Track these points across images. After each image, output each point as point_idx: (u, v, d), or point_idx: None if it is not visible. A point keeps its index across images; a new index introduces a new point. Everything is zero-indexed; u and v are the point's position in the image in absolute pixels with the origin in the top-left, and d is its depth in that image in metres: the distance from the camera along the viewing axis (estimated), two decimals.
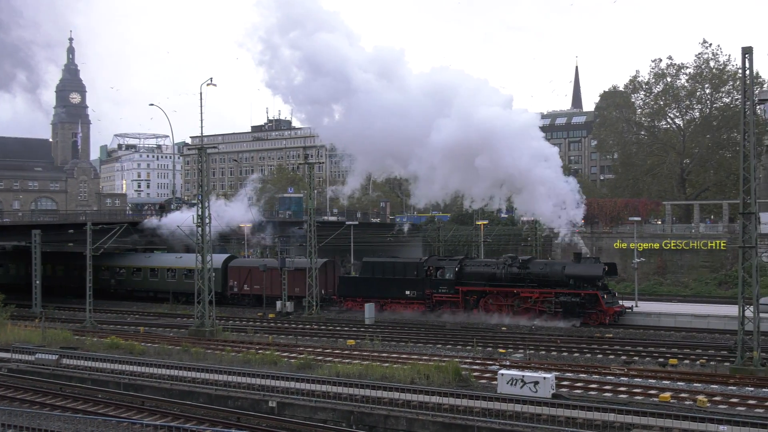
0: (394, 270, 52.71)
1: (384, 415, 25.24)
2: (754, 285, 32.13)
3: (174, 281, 62.42)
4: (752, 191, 32.28)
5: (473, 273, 50.12)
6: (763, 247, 61.13)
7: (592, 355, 36.83)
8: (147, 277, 64.19)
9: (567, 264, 48.22)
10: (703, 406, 24.71)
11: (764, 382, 28.79)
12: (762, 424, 21.50)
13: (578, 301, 46.02)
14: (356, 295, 53.77)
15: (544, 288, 47.24)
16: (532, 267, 48.51)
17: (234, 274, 59.05)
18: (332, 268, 58.42)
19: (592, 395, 26.89)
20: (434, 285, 50.76)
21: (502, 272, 48.75)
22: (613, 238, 75.29)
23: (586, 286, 46.29)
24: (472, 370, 30.78)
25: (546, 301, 47.10)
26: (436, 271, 51.09)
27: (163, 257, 65.47)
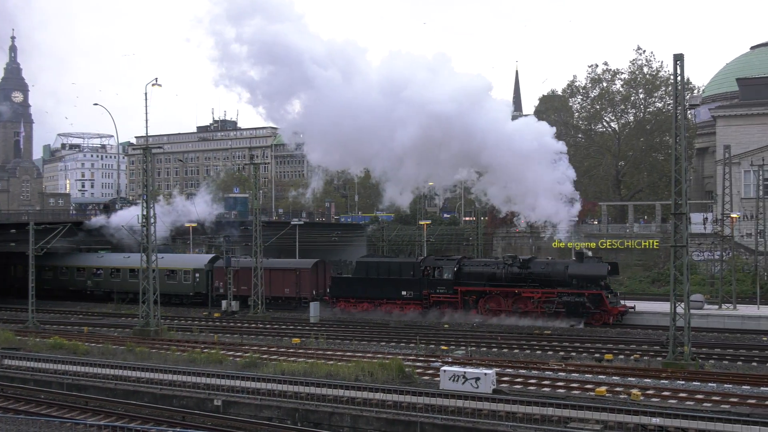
0: (389, 270, 51.70)
1: (329, 412, 25.57)
2: (684, 282, 33.32)
3: (118, 281, 61.62)
4: (683, 193, 33.37)
5: (472, 273, 49.32)
6: (694, 246, 63.22)
7: (532, 351, 37.66)
8: (94, 277, 63.02)
9: (570, 264, 47.52)
10: (637, 399, 25.47)
11: (694, 376, 29.76)
12: (692, 416, 22.31)
13: (582, 301, 45.80)
14: (349, 295, 52.62)
15: (546, 288, 46.79)
16: (533, 267, 48.04)
17: (220, 274, 57.59)
18: (323, 269, 57.51)
19: (531, 390, 27.51)
20: (432, 285, 49.97)
21: (503, 272, 48.19)
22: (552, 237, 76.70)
23: (589, 286, 46.03)
24: (416, 367, 31.26)
25: (548, 301, 46.69)
26: (434, 271, 50.24)
27: (113, 257, 64.29)
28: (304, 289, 55.49)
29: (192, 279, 58.42)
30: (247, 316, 52.57)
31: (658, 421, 22.19)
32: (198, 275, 58.40)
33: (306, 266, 56.19)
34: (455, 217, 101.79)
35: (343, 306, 52.65)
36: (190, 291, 58.62)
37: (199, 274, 58.44)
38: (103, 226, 60.26)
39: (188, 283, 58.64)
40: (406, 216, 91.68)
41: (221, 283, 57.34)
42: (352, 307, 52.23)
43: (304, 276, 55.60)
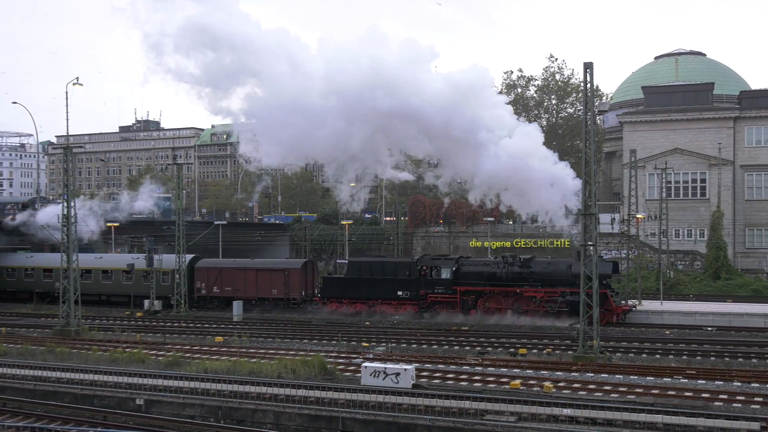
0: (383, 270, 50.78)
1: (252, 409, 25.82)
2: (594, 279, 34.91)
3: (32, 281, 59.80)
4: (593, 194, 34.86)
5: (471, 272, 48.64)
6: (602, 245, 65.75)
7: (450, 346, 38.59)
8: (22, 278, 60.75)
9: (573, 263, 46.16)
10: (549, 391, 26.46)
11: (603, 368, 31.06)
12: (600, 406, 23.42)
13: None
14: (342, 296, 51.56)
15: (548, 287, 46.39)
16: (534, 266, 47.58)
17: (202, 275, 55.90)
18: (311, 269, 56.14)
19: (449, 384, 28.27)
20: (429, 285, 49.09)
21: (503, 271, 47.68)
22: (469, 237, 78.58)
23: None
24: (337, 364, 31.79)
25: (551, 300, 46.40)
26: (431, 270, 49.50)
27: (51, 257, 61.52)
28: (293, 290, 53.59)
29: (171, 279, 55.81)
30: (170, 316, 52.15)
31: (568, 411, 23.13)
32: (178, 276, 55.79)
33: (295, 266, 54.50)
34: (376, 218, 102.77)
35: (335, 307, 51.47)
36: (170, 292, 55.71)
37: (178, 275, 55.77)
38: (25, 225, 58.40)
39: (167, 285, 56.01)
40: (328, 216, 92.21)
41: (203, 284, 55.65)
42: (344, 308, 51.15)
43: (293, 276, 53.61)
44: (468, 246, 77.96)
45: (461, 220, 79.84)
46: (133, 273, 56.34)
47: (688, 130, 75.30)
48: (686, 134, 75.24)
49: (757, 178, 73.71)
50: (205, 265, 56.54)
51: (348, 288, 51.51)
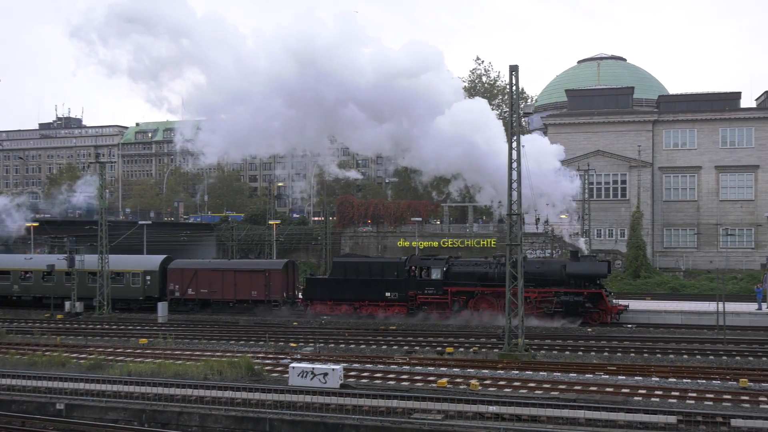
0: (370, 270, 49.37)
1: (177, 411, 25.37)
2: (519, 278, 35.53)
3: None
4: (518, 195, 35.60)
5: (462, 273, 47.70)
6: (527, 245, 66.94)
7: (378, 346, 38.72)
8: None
9: (567, 263, 46.71)
10: (476, 389, 26.78)
11: (527, 366, 31.65)
12: (525, 403, 23.85)
13: (581, 301, 45.24)
14: (326, 298, 50.03)
15: (542, 287, 45.86)
16: (527, 266, 45.26)
17: (176, 276, 53.67)
18: (292, 270, 54.69)
19: (377, 384, 28.33)
20: (419, 286, 47.96)
21: (495, 272, 46.71)
22: (397, 237, 79.02)
23: (587, 285, 45.50)
24: (265, 365, 31.59)
25: (545, 300, 45.93)
26: (421, 271, 48.51)
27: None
28: (274, 292, 51.97)
29: (142, 282, 54.34)
30: (92, 318, 50.86)
31: (494, 409, 23.43)
32: (149, 278, 54.43)
33: (276, 267, 52.89)
34: (304, 217, 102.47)
35: (319, 309, 50.13)
36: (140, 295, 54.47)
37: (150, 276, 54.40)
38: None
39: (137, 287, 54.49)
40: (256, 216, 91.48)
41: (177, 286, 53.55)
42: (328, 311, 49.88)
43: (274, 277, 51.98)
44: (396, 246, 78.44)
45: (389, 221, 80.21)
46: (54, 274, 54.69)
47: (610, 132, 77.25)
48: (608, 137, 77.17)
49: (674, 180, 76.17)
50: (179, 266, 54.53)
51: (333, 289, 49.96)
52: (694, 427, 22.09)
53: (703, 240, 73.86)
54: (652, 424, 22.18)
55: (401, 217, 79.95)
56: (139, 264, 55.35)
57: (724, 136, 74.36)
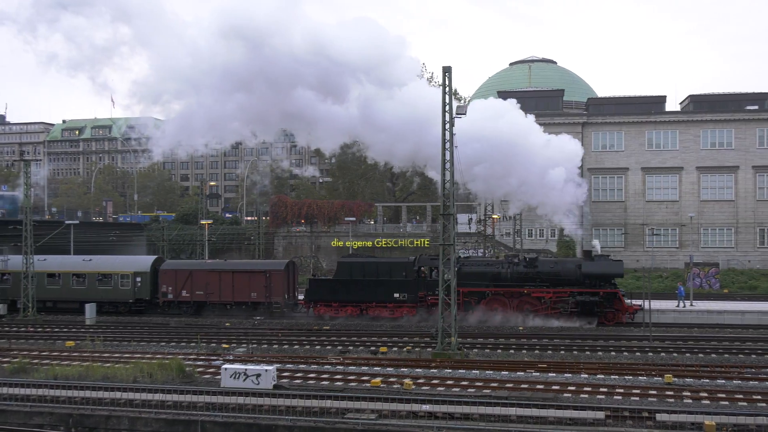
0: (377, 271, 48.03)
1: (105, 415, 24.88)
2: (452, 278, 35.83)
3: None
4: (451, 195, 35.87)
5: (474, 273, 46.66)
6: (460, 245, 67.61)
7: (311, 346, 38.61)
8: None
9: (582, 262, 46.15)
10: (409, 388, 26.98)
11: (460, 364, 32.01)
12: (458, 401, 24.12)
13: (597, 301, 44.87)
14: (330, 299, 48.49)
15: (556, 287, 45.40)
16: (541, 266, 46.38)
17: (168, 278, 51.67)
18: (293, 270, 52.92)
19: (310, 384, 28.32)
20: (430, 286, 46.41)
21: (508, 271, 46.26)
22: (331, 237, 78.87)
23: (602, 285, 45.20)
24: (196, 366, 31.17)
25: (560, 301, 45.38)
26: (431, 271, 47.29)
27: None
28: (276, 293, 50.19)
29: (132, 284, 52.41)
30: (17, 320, 49.34)
31: (427, 407, 23.65)
32: (140, 279, 52.46)
33: (278, 267, 50.84)
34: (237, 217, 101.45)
35: (323, 311, 48.63)
36: (130, 298, 52.49)
37: (141, 278, 52.43)
38: None
39: (127, 289, 52.55)
40: (187, 215, 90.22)
41: (169, 288, 51.48)
42: (333, 312, 48.40)
43: (275, 278, 50.12)
44: (330, 246, 78.30)
45: (323, 220, 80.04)
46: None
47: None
48: None
49: (603, 181, 77.81)
50: (172, 267, 52.77)
51: (337, 290, 48.49)
52: (621, 422, 22.65)
53: (630, 239, 75.69)
54: (581, 420, 22.64)
55: (335, 216, 79.87)
56: (129, 265, 53.48)
57: (650, 138, 76.30)
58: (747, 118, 73.79)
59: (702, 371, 30.30)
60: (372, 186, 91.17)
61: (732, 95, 78.66)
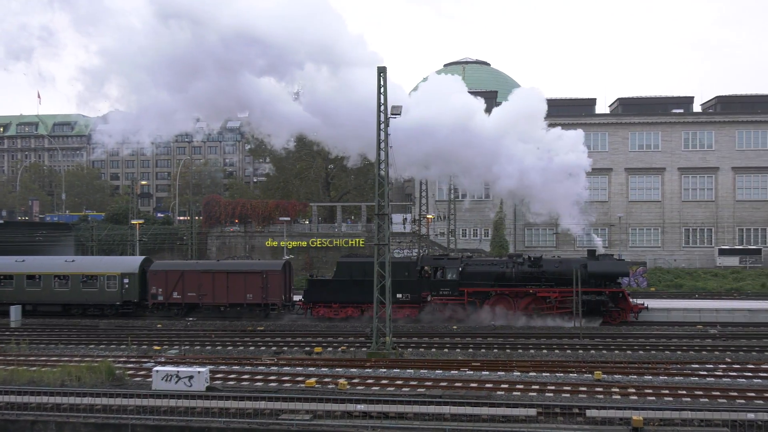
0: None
1: (31, 420, 24.20)
2: (387, 277, 35.94)
3: None
4: (386, 195, 35.99)
5: (479, 273, 46.50)
6: (394, 244, 67.89)
7: (245, 347, 38.29)
8: None
9: (588, 262, 46.17)
10: (344, 388, 26.90)
11: (395, 364, 32.11)
12: (392, 400, 24.17)
13: (603, 300, 45.10)
14: (330, 300, 47.69)
15: (562, 287, 45.40)
16: (546, 265, 46.44)
17: (158, 279, 50.22)
18: (289, 271, 51.66)
19: (244, 385, 28.07)
20: (433, 286, 46.59)
21: (512, 271, 46.18)
22: (265, 237, 78.25)
23: (608, 284, 45.45)
24: (127, 369, 30.57)
25: (566, 300, 45.18)
26: (435, 271, 47.17)
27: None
28: (273, 294, 48.98)
29: (119, 285, 50.70)
30: None
31: (362, 407, 23.64)
32: (127, 281, 50.77)
33: (275, 268, 49.67)
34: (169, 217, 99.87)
35: (323, 313, 47.84)
36: (117, 300, 50.79)
37: (128, 279, 50.74)
38: None
39: (113, 291, 50.84)
40: (118, 215, 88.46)
41: (159, 289, 50.02)
42: (332, 314, 47.63)
43: (272, 279, 48.93)
44: (264, 246, 77.67)
45: (257, 220, 79.39)
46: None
47: None
48: None
49: None
50: (161, 268, 51.33)
51: (337, 291, 47.66)
52: (553, 418, 23.05)
53: (562, 239, 77.02)
54: (513, 417, 22.96)
55: (269, 216, 79.24)
56: (116, 266, 51.85)
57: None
58: (673, 121, 75.95)
59: (630, 367, 31.08)
60: (307, 186, 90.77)
61: (659, 98, 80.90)
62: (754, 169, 75.29)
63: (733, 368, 31.04)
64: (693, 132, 75.90)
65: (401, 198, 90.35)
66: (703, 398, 25.36)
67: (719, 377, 29.31)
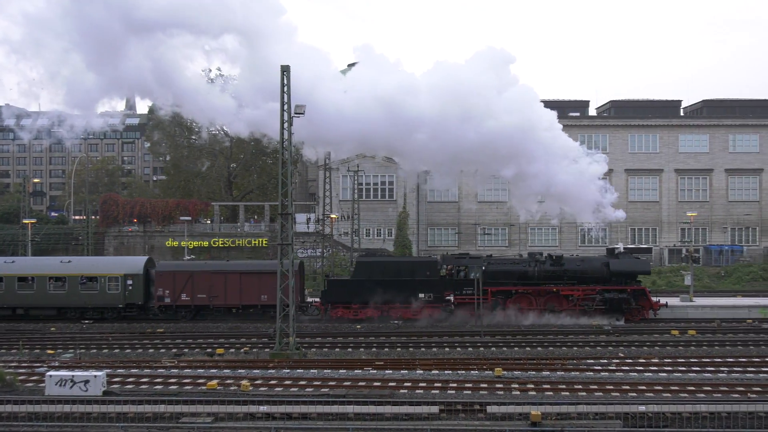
0: (398, 271, 46.70)
1: None
2: (290, 277, 35.75)
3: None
4: (289, 194, 35.81)
5: (501, 272, 46.44)
6: (298, 244, 67.63)
7: (144, 350, 37.42)
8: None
9: (610, 260, 46.67)
10: (246, 389, 26.69)
11: (298, 364, 32.08)
12: (296, 401, 24.17)
13: (625, 298, 45.55)
14: (350, 301, 46.40)
15: (584, 285, 45.81)
16: (567, 264, 46.64)
17: (165, 280, 47.83)
18: (302, 271, 49.82)
19: (143, 389, 27.50)
20: (457, 286, 46.09)
21: (535, 270, 46.26)
22: (165, 237, 76.63)
23: (629, 282, 46.02)
24: (18, 374, 29.36)
25: (588, 298, 45.59)
26: (458, 271, 46.67)
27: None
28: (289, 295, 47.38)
29: (122, 287, 48.03)
30: None
31: (265, 408, 23.50)
32: (131, 282, 48.05)
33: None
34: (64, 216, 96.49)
35: (341, 313, 46.53)
36: (120, 302, 48.06)
37: (132, 280, 48.02)
38: None
39: (116, 293, 48.09)
40: (8, 214, 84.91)
41: (167, 291, 47.70)
42: (352, 315, 46.36)
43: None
44: (164, 246, 76.00)
45: (156, 220, 77.64)
46: None
47: None
48: None
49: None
50: (169, 269, 49.18)
51: (357, 291, 46.44)
52: (455, 415, 23.44)
53: (463, 239, 78.42)
54: (416, 415, 23.23)
55: (170, 216, 77.61)
56: (118, 267, 49.16)
57: None
58: (569, 123, 78.31)
59: (529, 364, 31.90)
60: (209, 185, 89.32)
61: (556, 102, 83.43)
62: (645, 171, 78.55)
63: (625, 363, 32.28)
64: (588, 135, 78.47)
65: (305, 197, 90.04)
66: (597, 392, 26.28)
67: (613, 372, 30.43)
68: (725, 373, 29.97)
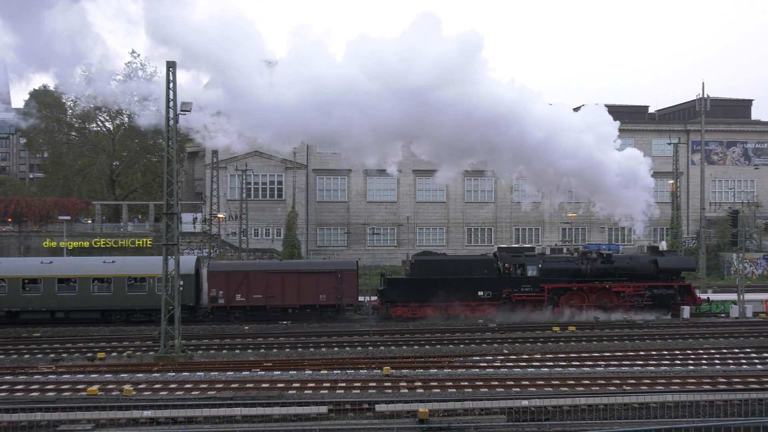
0: (456, 269, 46.71)
1: None
2: (176, 278, 34.89)
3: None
4: (175, 193, 34.99)
5: (557, 269, 47.21)
6: (184, 245, 66.18)
7: (19, 355, 35.72)
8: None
9: (658, 258, 48.11)
10: (129, 394, 25.90)
11: (184, 367, 31.42)
12: (181, 405, 23.68)
13: (672, 293, 47.20)
14: (409, 299, 46.20)
15: (634, 281, 47.16)
16: (618, 261, 47.82)
17: (219, 281, 45.68)
18: (357, 270, 48.23)
19: (18, 396, 26.31)
20: (515, 284, 46.55)
21: (588, 267, 47.18)
22: (43, 237, 73.53)
23: (674, 278, 47.66)
24: None
25: (637, 294, 46.82)
26: (516, 268, 46.74)
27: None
28: (348, 295, 46.29)
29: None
30: None
31: (149, 413, 22.92)
32: (182, 283, 42.51)
33: (350, 267, 47.32)
34: None
35: (400, 312, 46.28)
36: (170, 304, 42.12)
37: (184, 281, 43.72)
38: None
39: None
40: None
41: (220, 292, 45.56)
42: (411, 313, 46.17)
43: (347, 279, 46.19)
44: (41, 246, 72.87)
45: (33, 219, 74.33)
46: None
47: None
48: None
49: (327, 182, 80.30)
50: (222, 269, 47.11)
51: (415, 290, 46.39)
52: (344, 414, 23.47)
53: (353, 238, 78.77)
54: (305, 416, 23.14)
55: (47, 215, 74.45)
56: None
57: None
58: None
59: (417, 362, 32.32)
60: (90, 183, 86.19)
61: None
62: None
63: (510, 359, 33.16)
64: None
65: (191, 197, 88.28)
66: (483, 388, 26.86)
67: (498, 368, 31.21)
68: (602, 366, 31.25)
